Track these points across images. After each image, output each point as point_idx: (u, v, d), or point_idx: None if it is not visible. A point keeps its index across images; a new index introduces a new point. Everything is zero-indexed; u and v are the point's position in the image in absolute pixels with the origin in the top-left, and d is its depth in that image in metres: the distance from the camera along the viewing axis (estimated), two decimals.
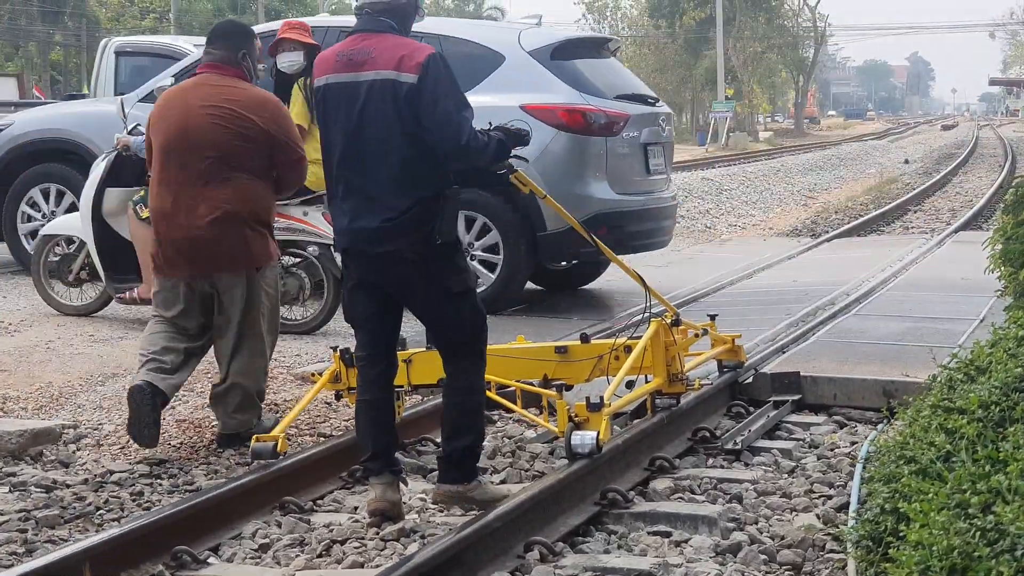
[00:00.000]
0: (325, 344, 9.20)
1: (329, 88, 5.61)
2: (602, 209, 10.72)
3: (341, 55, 5.61)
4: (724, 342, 7.86)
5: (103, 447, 6.93)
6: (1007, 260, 7.10)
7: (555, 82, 10.85)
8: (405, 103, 5.42)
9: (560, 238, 10.52)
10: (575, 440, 5.90)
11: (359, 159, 5.55)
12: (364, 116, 5.51)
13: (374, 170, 5.53)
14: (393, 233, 5.50)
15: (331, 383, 7.01)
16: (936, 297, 10.84)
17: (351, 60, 5.56)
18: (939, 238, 17.02)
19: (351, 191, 5.59)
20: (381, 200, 5.51)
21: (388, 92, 5.45)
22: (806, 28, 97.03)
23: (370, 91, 5.48)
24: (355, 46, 5.59)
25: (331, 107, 5.61)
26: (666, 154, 11.84)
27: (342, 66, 5.58)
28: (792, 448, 6.85)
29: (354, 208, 5.58)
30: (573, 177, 10.69)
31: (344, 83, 5.55)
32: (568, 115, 10.67)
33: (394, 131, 5.47)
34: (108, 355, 8.76)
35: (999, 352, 4.74)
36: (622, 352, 6.79)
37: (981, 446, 3.85)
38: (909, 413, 4.74)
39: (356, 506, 5.96)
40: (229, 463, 6.66)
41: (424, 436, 7.03)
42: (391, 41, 5.54)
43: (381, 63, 5.47)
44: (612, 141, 10.90)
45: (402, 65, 5.44)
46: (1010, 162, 41.52)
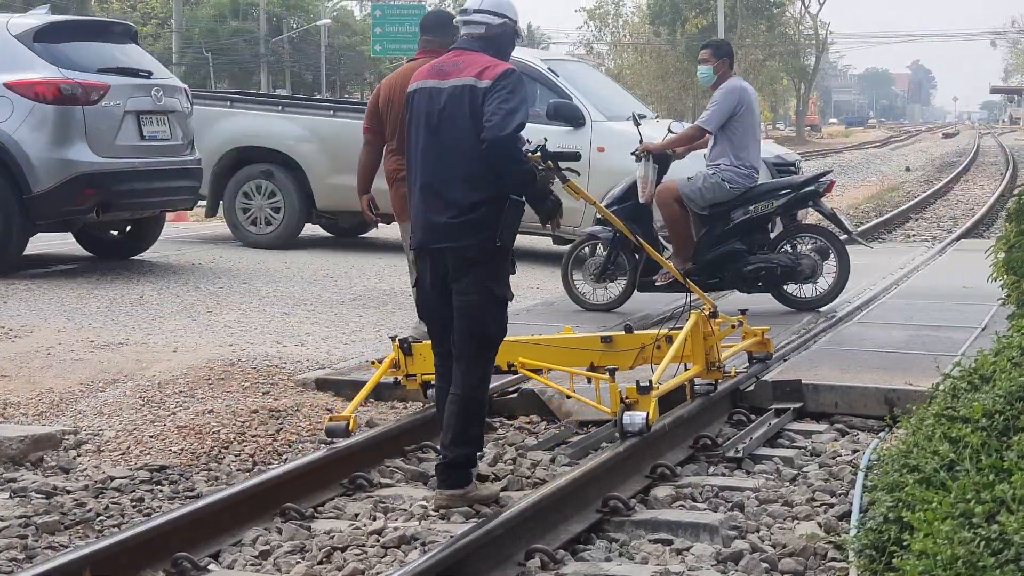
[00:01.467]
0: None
1: (418, 92, 6.17)
2: (85, 171, 11.91)
3: (435, 66, 6.23)
4: (754, 335, 8.35)
5: (103, 453, 6.92)
6: (1010, 269, 7.09)
7: (35, 60, 12.05)
8: (480, 107, 5.91)
9: (50, 198, 11.89)
10: (626, 420, 6.40)
11: (435, 158, 6.05)
12: (443, 118, 6.03)
13: (446, 169, 6.01)
14: (458, 229, 5.98)
15: (391, 369, 7.48)
16: (938, 305, 10.83)
17: (441, 70, 6.15)
18: (940, 246, 17.01)
19: (425, 189, 6.09)
20: (449, 197, 6.00)
21: (465, 96, 5.97)
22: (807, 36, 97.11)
23: (451, 95, 6.02)
24: (449, 60, 6.22)
25: (416, 109, 6.16)
26: (173, 122, 13.02)
27: (433, 75, 6.16)
28: (794, 456, 6.84)
29: (426, 205, 6.08)
30: (54, 143, 11.89)
31: (430, 88, 6.11)
32: (45, 88, 11.90)
33: (467, 133, 5.95)
34: (109, 361, 8.75)
35: (1003, 361, 4.72)
36: (663, 342, 7.34)
37: (985, 455, 3.84)
38: (912, 421, 4.73)
39: (357, 513, 5.95)
40: (230, 469, 6.66)
41: (425, 443, 7.03)
42: (481, 58, 6.12)
43: (466, 73, 6.03)
44: (91, 110, 12.04)
45: (483, 74, 5.99)
46: (1011, 170, 41.50)
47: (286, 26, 69.38)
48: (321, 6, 72.86)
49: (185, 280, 12.51)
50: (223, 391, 8.01)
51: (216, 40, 67.13)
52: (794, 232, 11.04)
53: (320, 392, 8.20)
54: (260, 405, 7.64)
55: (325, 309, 11.16)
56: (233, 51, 67.75)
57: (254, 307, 11.12)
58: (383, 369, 7.46)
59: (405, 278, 13.11)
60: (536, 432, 7.55)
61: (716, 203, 10.78)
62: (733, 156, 10.72)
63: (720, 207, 10.80)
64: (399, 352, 7.49)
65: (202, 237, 17.94)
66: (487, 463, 6.74)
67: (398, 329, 10.26)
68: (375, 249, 16.39)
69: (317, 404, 7.82)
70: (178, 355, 8.94)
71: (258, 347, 9.31)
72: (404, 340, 7.41)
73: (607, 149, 13.83)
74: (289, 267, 13.86)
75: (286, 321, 10.52)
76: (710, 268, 10.79)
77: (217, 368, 8.48)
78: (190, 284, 12.25)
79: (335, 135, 15.17)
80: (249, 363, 8.69)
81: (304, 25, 69.84)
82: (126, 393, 7.90)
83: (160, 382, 8.11)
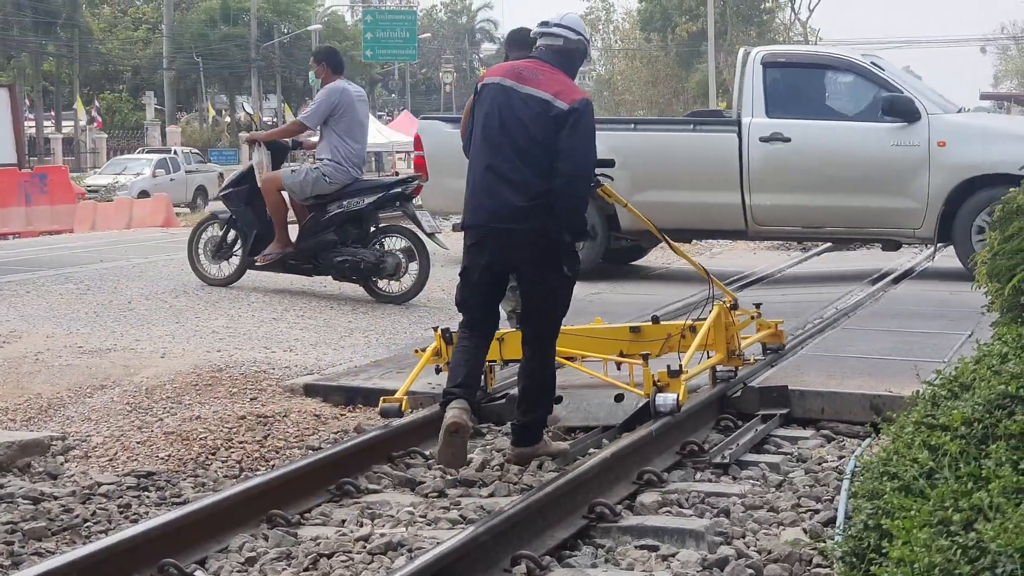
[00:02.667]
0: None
1: (491, 86, 6.79)
2: None
3: (513, 68, 6.85)
4: (768, 327, 8.89)
5: (91, 459, 6.93)
6: (993, 276, 7.11)
7: None
8: (552, 121, 6.57)
9: None
10: (659, 400, 6.97)
11: (505, 149, 6.65)
12: (514, 117, 6.65)
13: (520, 160, 6.61)
14: (532, 212, 6.56)
15: (433, 357, 7.89)
16: (924, 311, 10.86)
17: (520, 74, 6.76)
18: (928, 252, 17.02)
19: (496, 174, 6.65)
20: (525, 184, 6.58)
21: (541, 108, 6.60)
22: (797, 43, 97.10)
23: (526, 101, 6.65)
24: (528, 66, 6.81)
25: (488, 102, 6.76)
26: None
27: (509, 74, 6.79)
28: (780, 462, 6.86)
29: (499, 189, 6.64)
30: None
31: (506, 87, 6.72)
32: None
33: (535, 137, 6.59)
34: (97, 366, 8.76)
35: (983, 369, 4.74)
36: (688, 332, 7.86)
37: (964, 463, 3.86)
38: (893, 429, 4.75)
39: (344, 519, 5.96)
40: (217, 476, 6.67)
41: (413, 448, 7.04)
42: (558, 76, 6.74)
43: (543, 87, 6.65)
44: None
45: (559, 95, 6.62)
46: None
47: (277, 31, 69.37)
48: (312, 11, 72.90)
49: (174, 286, 12.51)
50: (211, 397, 8.03)
51: (207, 45, 67.12)
52: (384, 231, 12.05)
53: (308, 398, 8.21)
54: (248, 411, 7.65)
55: (314, 315, 11.18)
56: (224, 56, 67.75)
57: (243, 313, 11.13)
58: (427, 356, 7.89)
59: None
60: None
61: (317, 195, 11.76)
62: (334, 152, 11.69)
63: (321, 199, 11.76)
64: (441, 341, 7.88)
65: None
66: (474, 468, 6.76)
67: (387, 334, 10.30)
68: None
69: (305, 410, 7.84)
70: (166, 361, 8.95)
71: (246, 353, 9.32)
72: (446, 330, 7.88)
73: (948, 143, 13.19)
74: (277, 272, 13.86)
75: (275, 327, 10.54)
76: (306, 255, 11.85)
77: (205, 374, 8.49)
78: (178, 290, 12.26)
79: (640, 150, 13.97)
80: (237, 369, 8.71)
81: (295, 30, 69.82)
82: (114, 399, 7.92)
83: (148, 388, 8.13)
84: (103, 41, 68.88)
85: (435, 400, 7.81)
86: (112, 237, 20.54)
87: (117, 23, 72.27)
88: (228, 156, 63.34)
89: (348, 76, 12.46)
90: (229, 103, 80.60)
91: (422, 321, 10.99)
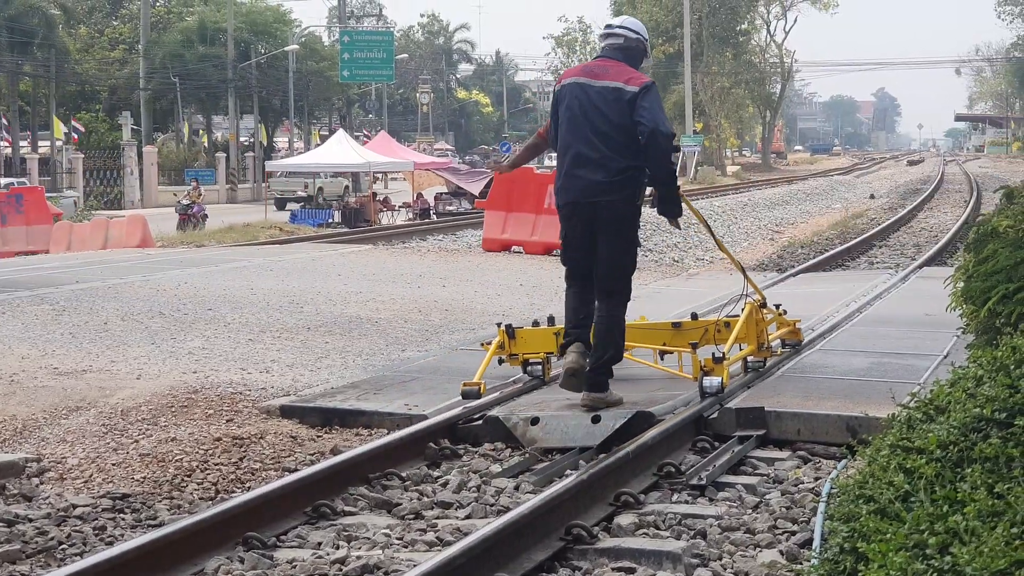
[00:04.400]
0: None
1: (570, 85, 8.22)
2: None
3: (586, 68, 8.35)
4: (788, 325, 9.91)
5: (66, 481, 6.89)
6: (968, 298, 7.15)
7: None
8: (627, 104, 7.96)
9: None
10: (706, 382, 8.05)
11: (592, 134, 8.04)
12: (593, 107, 8.05)
13: (601, 143, 8.02)
14: (612, 187, 8.00)
15: (498, 350, 8.93)
16: (900, 332, 10.89)
17: (592, 72, 8.22)
18: (903, 273, 17.09)
19: (583, 158, 8.06)
20: (607, 163, 8.00)
21: (615, 95, 8.01)
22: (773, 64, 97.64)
23: (602, 92, 8.05)
24: (598, 64, 8.28)
25: (569, 98, 8.18)
26: None
27: (584, 74, 8.25)
28: (756, 483, 6.87)
29: (586, 169, 8.05)
30: None
31: (583, 84, 8.16)
32: None
33: (614, 121, 7.98)
34: (72, 388, 8.72)
35: (958, 392, 4.76)
36: (723, 327, 8.88)
37: (939, 486, 3.86)
38: (868, 452, 4.75)
39: (320, 542, 5.94)
40: (192, 498, 6.65)
41: (389, 470, 7.03)
42: (623, 67, 8.16)
43: (612, 78, 8.09)
44: None
45: (628, 82, 8.03)
46: (975, 198, 41.82)
47: (254, 51, 69.30)
48: (289, 32, 72.84)
49: (150, 307, 12.48)
50: (186, 419, 8.00)
51: (183, 65, 66.98)
52: None
53: (285, 420, 8.19)
54: (224, 433, 7.63)
55: (291, 336, 11.15)
56: (200, 76, 67.60)
57: (219, 334, 11.10)
58: (493, 349, 8.92)
59: (372, 304, 13.15)
60: (501, 459, 7.56)
61: None
62: None
63: None
64: (504, 336, 8.98)
65: (167, 262, 17.91)
66: (451, 490, 6.75)
67: (364, 356, 10.29)
68: (340, 276, 16.40)
69: (281, 432, 7.81)
70: (142, 382, 8.92)
71: (222, 374, 9.29)
72: (509, 326, 9.05)
73: None
74: (255, 293, 13.85)
75: (251, 348, 10.51)
76: None
77: (181, 395, 8.47)
78: (155, 311, 12.23)
79: None
80: (213, 390, 8.68)
81: (272, 50, 69.78)
82: (89, 420, 7.88)
83: (123, 409, 8.10)
84: (80, 61, 68.67)
85: (412, 422, 7.84)
86: (88, 257, 20.48)
87: (94, 43, 72.09)
88: (205, 176, 63.28)
89: (324, 96, 12.43)
90: (206, 123, 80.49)
91: (399, 343, 10.98)
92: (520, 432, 7.79)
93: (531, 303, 14.00)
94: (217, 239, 30.39)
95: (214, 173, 63.42)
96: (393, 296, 14.08)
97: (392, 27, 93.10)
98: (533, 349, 9.01)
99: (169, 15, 74.46)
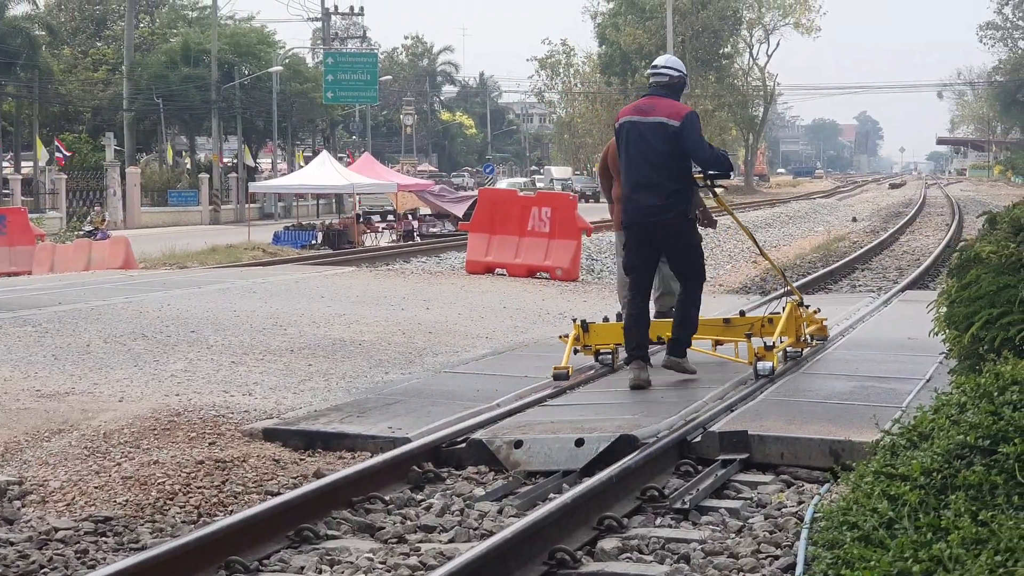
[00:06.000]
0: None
1: (626, 123, 9.84)
2: None
3: (636, 107, 9.92)
4: (817, 322, 11.52)
5: (48, 504, 6.86)
6: (951, 323, 7.16)
7: None
8: (671, 135, 9.59)
9: None
10: (760, 366, 9.65)
11: (645, 164, 9.67)
12: (646, 141, 9.66)
13: (653, 172, 9.65)
14: (667, 207, 9.63)
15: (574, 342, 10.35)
16: (883, 356, 10.91)
17: (642, 110, 9.81)
18: (886, 297, 17.14)
19: (640, 184, 9.70)
20: (659, 187, 9.62)
21: (662, 129, 9.62)
22: (756, 87, 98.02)
23: (650, 127, 9.66)
24: (645, 102, 9.87)
25: (628, 135, 9.78)
26: None
27: (635, 112, 9.86)
28: (740, 508, 6.86)
29: (643, 194, 9.68)
30: None
31: (635, 121, 9.78)
32: None
33: (663, 151, 9.60)
34: (54, 410, 8.69)
35: (941, 419, 4.76)
36: (766, 322, 10.47)
37: (923, 513, 3.86)
38: (852, 478, 4.76)
39: (302, 566, 5.93)
40: (175, 521, 6.62)
41: (372, 494, 7.01)
42: (667, 102, 9.77)
43: (659, 113, 9.66)
44: None
45: (671, 115, 9.62)
46: (957, 221, 41.96)
47: (238, 72, 69.28)
48: (273, 53, 72.82)
49: (133, 328, 12.45)
50: (169, 441, 7.98)
51: (167, 86, 66.93)
52: None
53: (267, 443, 8.17)
54: (206, 456, 7.60)
55: (274, 358, 11.14)
56: (184, 97, 67.56)
57: (202, 356, 11.08)
58: (571, 341, 10.30)
59: (355, 327, 13.14)
60: (484, 483, 7.55)
61: None
62: None
63: None
64: (579, 329, 10.47)
65: (150, 284, 17.87)
66: (434, 514, 6.74)
67: (347, 379, 10.28)
68: (324, 298, 16.38)
69: (264, 455, 7.79)
70: (124, 405, 8.90)
71: (205, 397, 9.27)
72: (584, 321, 10.57)
73: None
74: (238, 315, 13.82)
75: (234, 370, 10.49)
76: None
77: (163, 418, 8.44)
78: (137, 332, 12.20)
79: None
80: (196, 413, 8.66)
81: (256, 72, 69.78)
82: (72, 443, 7.85)
83: (106, 432, 8.07)
84: (63, 82, 68.59)
85: (395, 445, 7.83)
86: (71, 279, 20.42)
87: (77, 64, 71.98)
88: (188, 197, 63.17)
89: (308, 118, 12.45)
90: (189, 144, 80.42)
91: (382, 365, 10.97)
92: (504, 455, 7.79)
93: (514, 325, 14.01)
94: (200, 261, 30.35)
95: (197, 194, 63.31)
96: (377, 318, 14.07)
97: (376, 49, 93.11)
98: (604, 341, 10.53)
99: (153, 36, 74.39)
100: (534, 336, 13.07)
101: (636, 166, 9.67)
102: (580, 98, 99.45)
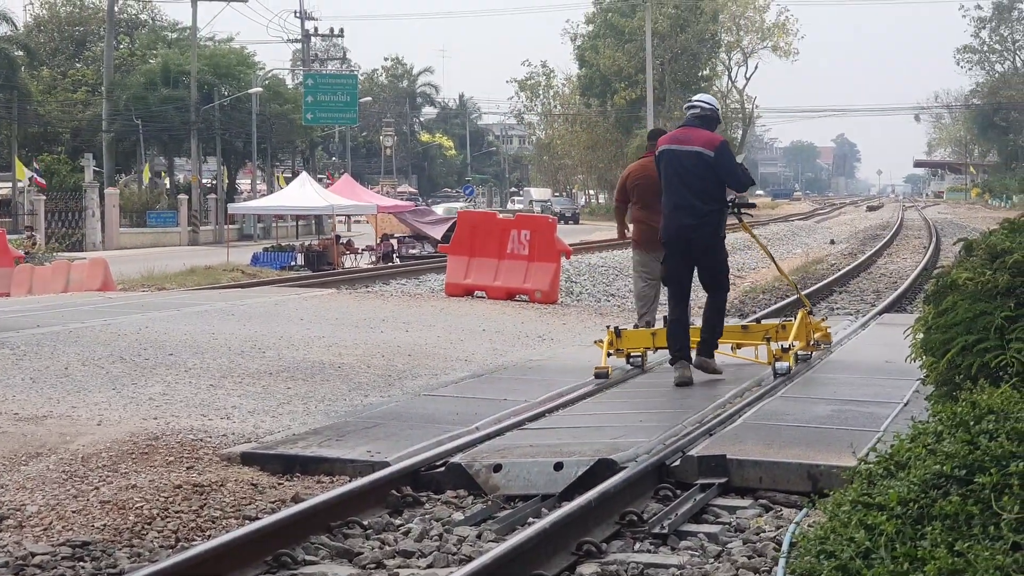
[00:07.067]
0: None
1: (666, 151, 11.13)
2: None
3: (675, 136, 11.22)
4: (821, 329, 13.12)
5: (25, 528, 6.83)
6: (928, 350, 7.19)
7: None
8: (706, 164, 10.89)
9: None
10: (778, 366, 11.00)
11: (683, 189, 10.94)
12: (684, 168, 10.93)
13: (690, 196, 10.92)
14: (701, 226, 10.94)
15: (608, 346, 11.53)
16: (860, 379, 10.94)
17: (679, 139, 11.12)
18: (864, 320, 17.20)
19: (678, 206, 10.97)
20: (694, 209, 10.91)
21: (697, 158, 10.91)
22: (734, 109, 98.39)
23: (687, 155, 10.95)
24: (683, 132, 11.19)
25: (667, 162, 11.08)
26: None
27: (674, 141, 11.14)
28: (718, 532, 6.87)
29: (680, 214, 10.95)
30: None
31: (674, 150, 11.08)
32: None
33: (700, 177, 10.91)
34: (32, 434, 8.66)
35: (918, 447, 4.78)
36: (780, 328, 11.91)
37: (900, 543, 3.87)
38: (829, 507, 4.77)
39: None
40: (153, 546, 6.60)
41: (351, 519, 7.00)
42: (703, 132, 11.08)
43: (695, 143, 10.96)
44: None
45: (706, 146, 10.93)
46: (934, 244, 42.10)
47: (217, 94, 69.25)
48: (252, 74, 72.81)
49: (111, 351, 12.42)
50: (147, 465, 7.96)
51: (146, 107, 66.82)
52: None
53: (245, 467, 8.15)
54: (184, 480, 7.59)
55: (252, 381, 11.12)
56: (163, 119, 67.46)
57: (180, 379, 11.06)
58: (605, 346, 11.51)
59: (335, 349, 13.13)
60: (463, 507, 7.55)
61: None
62: None
63: None
64: (612, 335, 11.67)
65: (129, 306, 17.83)
66: (413, 539, 6.74)
67: (326, 402, 10.28)
68: (303, 321, 16.36)
69: (242, 479, 7.78)
70: (102, 428, 8.87)
71: (183, 420, 9.25)
72: (616, 328, 11.84)
73: None
74: (216, 338, 13.80)
75: (212, 394, 10.47)
76: None
77: (141, 442, 8.42)
78: (115, 355, 12.17)
79: None
80: (174, 437, 8.64)
81: (235, 93, 69.75)
82: (49, 467, 7.83)
83: (84, 456, 8.04)
84: (42, 103, 68.44)
85: (374, 469, 7.82)
86: (49, 301, 20.36)
87: (56, 85, 71.85)
88: (167, 218, 63.04)
89: (287, 139, 12.48)
90: (168, 165, 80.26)
91: (361, 389, 10.97)
92: (483, 479, 7.79)
93: (494, 348, 14.01)
94: (179, 282, 30.28)
95: (176, 215, 63.22)
96: (356, 341, 14.07)
97: (356, 70, 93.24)
98: (635, 345, 11.77)
99: (132, 57, 74.25)
100: (513, 359, 13.07)
101: (674, 189, 10.97)
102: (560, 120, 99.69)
